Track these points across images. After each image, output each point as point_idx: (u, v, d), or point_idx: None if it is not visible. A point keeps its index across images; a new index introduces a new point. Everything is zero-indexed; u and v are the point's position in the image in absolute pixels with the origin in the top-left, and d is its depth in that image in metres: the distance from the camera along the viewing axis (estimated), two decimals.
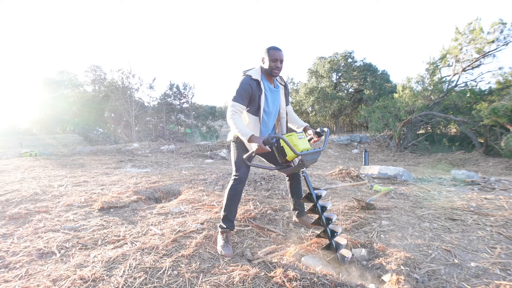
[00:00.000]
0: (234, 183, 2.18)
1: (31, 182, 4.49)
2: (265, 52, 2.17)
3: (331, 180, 4.44)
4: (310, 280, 1.61)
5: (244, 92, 2.11)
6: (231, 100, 2.12)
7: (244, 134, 1.99)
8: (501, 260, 1.84)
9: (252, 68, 2.25)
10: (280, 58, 2.16)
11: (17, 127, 25.86)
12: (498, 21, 10.48)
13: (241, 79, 2.17)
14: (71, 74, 24.39)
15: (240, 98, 2.10)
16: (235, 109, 2.08)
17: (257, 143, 1.92)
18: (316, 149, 2.13)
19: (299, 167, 2.08)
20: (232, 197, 2.17)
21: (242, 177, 2.17)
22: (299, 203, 2.54)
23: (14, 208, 3.00)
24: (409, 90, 12.93)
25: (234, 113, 2.07)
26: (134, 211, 3.01)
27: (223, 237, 2.15)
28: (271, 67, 2.16)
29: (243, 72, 2.24)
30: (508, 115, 8.88)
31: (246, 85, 2.12)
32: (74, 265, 1.83)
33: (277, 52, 2.15)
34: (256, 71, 2.21)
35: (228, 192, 2.18)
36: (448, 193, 3.50)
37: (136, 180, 4.63)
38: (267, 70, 2.19)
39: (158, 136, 17.32)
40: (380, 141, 14.49)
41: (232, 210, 2.19)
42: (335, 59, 21.91)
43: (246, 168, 2.20)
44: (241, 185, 2.18)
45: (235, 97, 2.11)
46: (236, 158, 2.23)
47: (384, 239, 2.19)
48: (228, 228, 2.17)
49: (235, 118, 2.06)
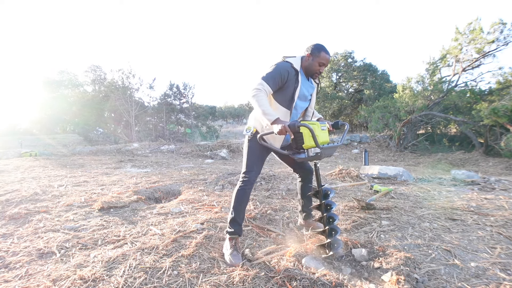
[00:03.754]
0: (243, 184, 2.03)
1: (31, 182, 4.49)
2: (317, 51, 1.99)
3: (331, 180, 4.44)
4: (310, 280, 1.61)
5: (278, 76, 1.91)
6: (260, 78, 1.89)
7: (269, 114, 1.78)
8: (501, 260, 1.84)
9: (294, 56, 2.05)
10: (327, 63, 2.03)
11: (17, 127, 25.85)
12: (498, 21, 10.47)
13: (279, 62, 1.98)
14: (71, 74, 24.37)
15: (272, 80, 1.89)
16: (262, 88, 1.85)
17: (281, 125, 1.73)
18: (334, 144, 2.04)
19: (314, 158, 1.93)
20: (240, 198, 2.02)
21: (252, 178, 2.03)
22: (308, 205, 2.41)
23: (14, 208, 3.00)
24: (409, 90, 12.92)
25: (259, 90, 1.84)
26: (134, 211, 3.01)
27: (231, 243, 1.98)
28: (315, 70, 2.02)
29: (283, 57, 2.05)
30: (508, 115, 8.87)
31: (283, 70, 1.93)
32: (74, 265, 1.83)
33: (328, 56, 2.00)
34: (297, 61, 2.02)
35: (236, 194, 2.03)
36: (448, 193, 3.50)
37: (136, 180, 4.63)
38: (309, 69, 2.04)
39: (158, 136, 17.31)
40: (380, 141, 14.49)
41: (240, 212, 2.04)
42: (335, 59, 21.90)
43: (258, 171, 2.06)
44: (250, 186, 2.04)
45: (265, 77, 1.89)
46: (249, 157, 2.05)
47: (384, 239, 2.19)
48: (236, 232, 2.02)
49: (260, 96, 1.83)
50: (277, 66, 1.95)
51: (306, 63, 2.04)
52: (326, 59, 2.00)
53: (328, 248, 1.94)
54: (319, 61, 2.00)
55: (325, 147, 1.90)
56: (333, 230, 1.97)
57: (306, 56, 2.04)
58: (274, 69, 1.93)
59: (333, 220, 2.00)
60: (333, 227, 1.99)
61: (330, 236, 1.96)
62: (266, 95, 1.88)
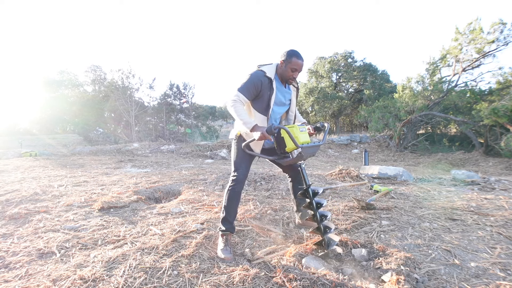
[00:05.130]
0: (232, 184, 2.13)
1: (31, 182, 4.49)
2: (288, 57, 2.06)
3: (331, 180, 4.44)
4: (310, 280, 1.61)
5: (252, 86, 2.01)
6: (236, 89, 1.99)
7: (247, 123, 1.92)
8: (501, 260, 1.84)
9: (269, 64, 2.14)
10: (300, 68, 2.08)
11: (17, 127, 25.86)
12: (498, 21, 10.48)
13: (253, 72, 2.07)
14: (71, 74, 24.37)
15: (247, 91, 2.00)
16: (238, 99, 1.97)
17: (260, 132, 1.86)
18: (316, 143, 2.12)
19: (298, 159, 2.05)
20: (230, 198, 2.12)
21: (240, 177, 2.13)
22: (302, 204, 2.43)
23: (14, 208, 3.00)
24: (409, 90, 12.93)
25: (235, 101, 1.96)
26: (134, 211, 3.01)
27: (223, 240, 2.10)
28: (289, 76, 2.10)
29: (258, 66, 2.14)
30: (508, 115, 8.88)
31: (256, 80, 2.02)
32: (74, 265, 1.83)
33: (300, 62, 2.06)
34: (271, 69, 2.11)
35: (227, 194, 2.14)
36: (448, 193, 3.50)
37: (136, 180, 4.63)
38: (283, 75, 2.12)
39: (158, 136, 17.31)
40: (380, 141, 14.49)
41: (231, 212, 2.13)
42: (335, 59, 21.91)
43: (245, 169, 2.16)
44: (240, 186, 2.13)
45: (241, 87, 2.00)
46: (236, 157, 2.18)
47: (384, 239, 2.19)
48: (228, 230, 2.11)
49: (237, 107, 1.95)
50: (250, 76, 2.04)
51: (280, 70, 2.12)
52: (298, 65, 2.05)
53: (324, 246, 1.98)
54: (291, 67, 2.06)
55: (305, 146, 1.98)
56: (327, 228, 2.02)
57: (280, 63, 2.11)
58: (248, 79, 2.03)
59: (325, 218, 2.04)
60: (326, 224, 2.04)
61: (325, 233, 2.01)
62: (243, 104, 2.00)
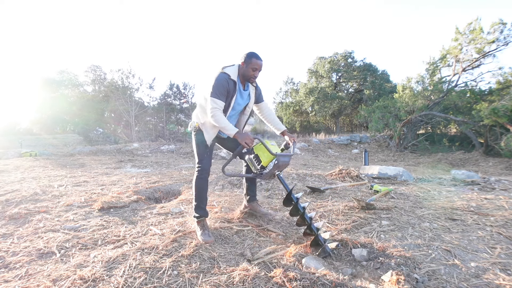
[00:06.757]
0: (199, 174, 2.31)
1: (31, 182, 4.49)
2: (248, 58, 2.23)
3: (331, 180, 4.44)
4: (310, 280, 1.61)
5: (222, 89, 2.16)
6: (211, 97, 2.14)
7: (229, 129, 2.11)
8: (501, 260, 1.84)
9: (232, 66, 2.29)
10: (260, 68, 2.26)
11: (17, 127, 25.86)
12: (498, 21, 10.48)
13: (219, 75, 2.20)
14: (71, 74, 24.37)
15: (220, 95, 2.16)
16: (217, 106, 2.13)
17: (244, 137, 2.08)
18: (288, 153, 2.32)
19: (274, 169, 2.21)
20: (200, 186, 2.31)
21: (205, 167, 2.31)
22: (252, 188, 2.73)
23: (14, 208, 3.00)
24: (409, 90, 12.93)
25: (216, 109, 2.13)
26: (134, 211, 3.01)
27: (200, 226, 2.27)
28: (250, 75, 2.26)
29: (222, 67, 2.28)
30: (508, 115, 8.88)
31: (224, 82, 2.17)
32: (74, 265, 1.83)
33: (259, 62, 2.24)
34: (234, 71, 2.25)
35: (196, 184, 2.32)
36: (448, 193, 3.50)
37: (136, 180, 4.63)
38: (245, 75, 2.27)
39: (158, 136, 17.30)
40: (380, 141, 14.50)
41: (202, 198, 2.33)
42: (335, 59, 21.91)
43: (208, 158, 2.35)
44: (206, 174, 2.32)
45: (214, 93, 2.14)
46: (198, 149, 2.33)
47: (384, 239, 2.19)
48: (203, 216, 2.30)
49: (218, 115, 2.13)
50: (217, 79, 2.17)
51: (242, 71, 2.28)
52: (258, 64, 2.23)
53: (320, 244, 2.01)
54: (252, 67, 2.23)
55: (280, 154, 2.17)
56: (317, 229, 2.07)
57: (241, 64, 2.27)
58: (217, 83, 2.16)
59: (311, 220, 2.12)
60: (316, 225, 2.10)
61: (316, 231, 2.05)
62: (221, 110, 2.16)
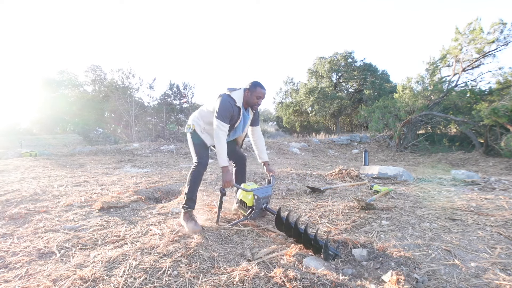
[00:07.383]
0: (197, 167, 2.41)
1: (31, 182, 4.49)
2: (253, 87, 2.42)
3: (331, 180, 4.44)
4: (310, 280, 1.61)
5: (228, 113, 2.35)
6: (218, 119, 2.31)
7: (223, 160, 2.31)
8: (501, 260, 1.84)
9: (238, 89, 2.45)
10: (264, 96, 2.45)
11: (17, 127, 25.83)
12: (498, 21, 10.47)
13: (226, 100, 2.36)
14: (71, 74, 24.35)
15: (226, 118, 2.34)
16: (223, 129, 2.32)
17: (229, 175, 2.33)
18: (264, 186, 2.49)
19: (259, 204, 2.40)
20: (195, 179, 2.41)
21: (204, 162, 2.44)
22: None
23: (14, 208, 3.00)
24: (409, 90, 12.92)
25: (223, 133, 2.32)
26: (134, 211, 3.01)
27: (186, 216, 2.36)
28: (253, 103, 2.46)
29: (229, 90, 2.44)
30: (508, 115, 8.87)
31: (230, 107, 2.35)
32: (74, 265, 1.83)
33: (263, 91, 2.44)
34: (240, 96, 2.42)
35: (192, 176, 2.40)
36: (448, 193, 3.50)
37: (136, 180, 4.63)
38: (249, 102, 2.46)
39: (158, 136, 17.29)
40: (380, 141, 14.49)
41: (195, 191, 2.44)
42: (335, 59, 21.90)
43: (206, 157, 2.48)
44: (203, 169, 2.44)
45: (221, 116, 2.31)
46: (195, 148, 2.47)
47: (384, 239, 2.19)
48: (191, 207, 2.39)
49: (221, 139, 2.31)
50: (224, 103, 2.34)
51: (246, 98, 2.46)
52: (261, 93, 2.45)
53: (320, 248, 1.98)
54: (256, 95, 2.44)
55: (256, 188, 2.38)
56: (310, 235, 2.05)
57: (246, 92, 2.45)
58: (223, 107, 2.33)
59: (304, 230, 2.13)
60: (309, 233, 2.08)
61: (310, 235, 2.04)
62: (226, 133, 2.36)
